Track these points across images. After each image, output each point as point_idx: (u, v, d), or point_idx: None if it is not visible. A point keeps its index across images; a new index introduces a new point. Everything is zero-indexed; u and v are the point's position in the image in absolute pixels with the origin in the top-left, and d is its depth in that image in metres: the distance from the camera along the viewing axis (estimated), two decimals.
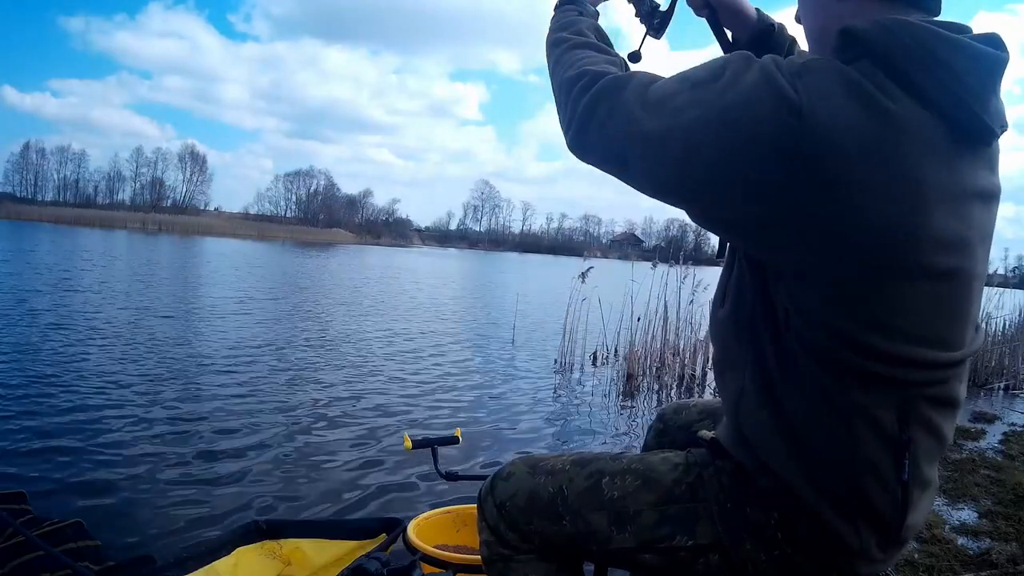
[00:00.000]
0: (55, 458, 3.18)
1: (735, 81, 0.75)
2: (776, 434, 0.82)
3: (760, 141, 0.72)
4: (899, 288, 0.74)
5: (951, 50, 0.74)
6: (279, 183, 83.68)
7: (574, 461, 0.99)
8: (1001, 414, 5.86)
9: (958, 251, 0.76)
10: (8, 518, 1.67)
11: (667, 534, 0.88)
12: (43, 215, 52.17)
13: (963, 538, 2.77)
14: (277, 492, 3.02)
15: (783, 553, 0.83)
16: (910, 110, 0.72)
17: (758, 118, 0.72)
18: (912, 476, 0.79)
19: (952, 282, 0.77)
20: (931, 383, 0.79)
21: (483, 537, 1.04)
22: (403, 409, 4.72)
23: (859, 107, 0.72)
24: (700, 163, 0.76)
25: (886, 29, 0.75)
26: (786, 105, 0.71)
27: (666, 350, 6.73)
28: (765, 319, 0.81)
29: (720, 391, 0.93)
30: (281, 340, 7.17)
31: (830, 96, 0.72)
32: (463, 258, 50.64)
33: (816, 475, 0.80)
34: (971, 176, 0.77)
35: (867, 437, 0.77)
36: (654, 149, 0.79)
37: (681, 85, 0.80)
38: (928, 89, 0.73)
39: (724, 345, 0.90)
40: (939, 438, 0.82)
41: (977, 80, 0.75)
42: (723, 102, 0.75)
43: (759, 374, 0.83)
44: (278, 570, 1.61)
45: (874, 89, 0.72)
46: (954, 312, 0.79)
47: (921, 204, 0.72)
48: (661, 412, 1.29)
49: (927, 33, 0.75)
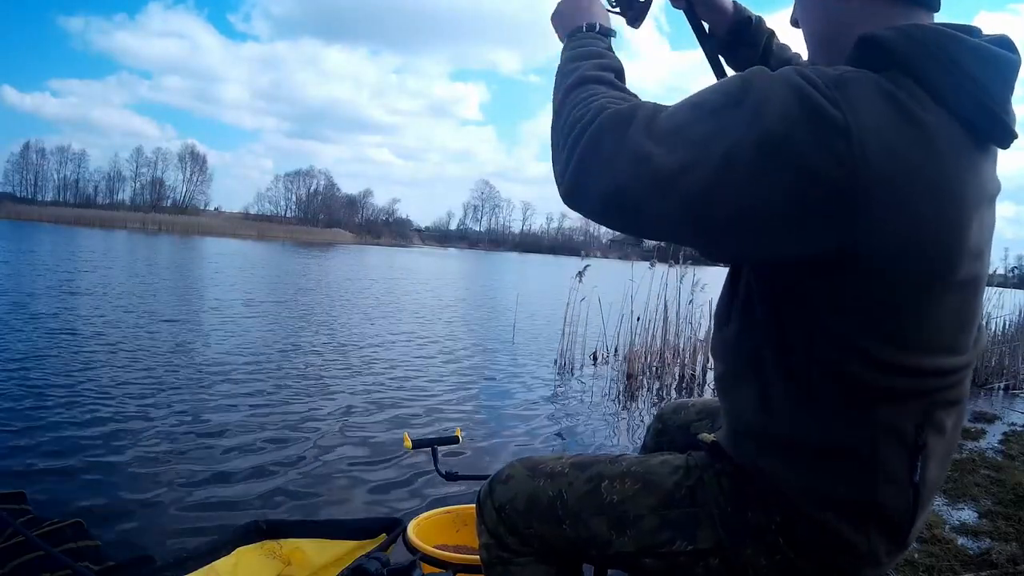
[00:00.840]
0: (55, 458, 3.18)
1: (763, 104, 0.67)
2: (785, 456, 0.81)
3: (808, 173, 0.65)
4: (931, 303, 0.73)
5: (972, 55, 0.73)
6: (279, 183, 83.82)
7: (573, 464, 0.98)
8: (1001, 414, 5.86)
9: (978, 257, 0.75)
10: (8, 518, 1.66)
11: (667, 539, 0.87)
12: (43, 215, 52.24)
13: (963, 538, 2.77)
14: (277, 492, 3.02)
15: (785, 557, 0.82)
16: (942, 120, 0.70)
17: (801, 147, 0.65)
18: (923, 478, 0.78)
19: (969, 289, 0.76)
20: (946, 388, 0.78)
21: (482, 540, 1.03)
22: (403, 409, 4.72)
23: (902, 122, 0.68)
24: (730, 203, 0.68)
25: (910, 37, 0.73)
26: (830, 126, 0.65)
27: (666, 350, 6.74)
28: (774, 341, 0.79)
29: (725, 412, 0.91)
30: (281, 341, 7.17)
31: (874, 111, 0.67)
32: (463, 258, 50.67)
33: (824, 485, 0.79)
34: (989, 180, 0.77)
35: (888, 449, 0.76)
36: (670, 188, 0.69)
37: (695, 113, 0.72)
38: (954, 96, 0.71)
39: (728, 364, 0.88)
40: (948, 439, 0.82)
41: (996, 84, 0.74)
42: (755, 131, 0.66)
43: (768, 399, 0.81)
44: (278, 570, 1.60)
45: (910, 101, 0.69)
46: (967, 318, 0.78)
47: (960, 218, 0.71)
48: (660, 412, 1.29)
49: (947, 39, 0.73)
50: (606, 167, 0.74)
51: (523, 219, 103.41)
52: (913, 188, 0.67)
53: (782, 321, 0.77)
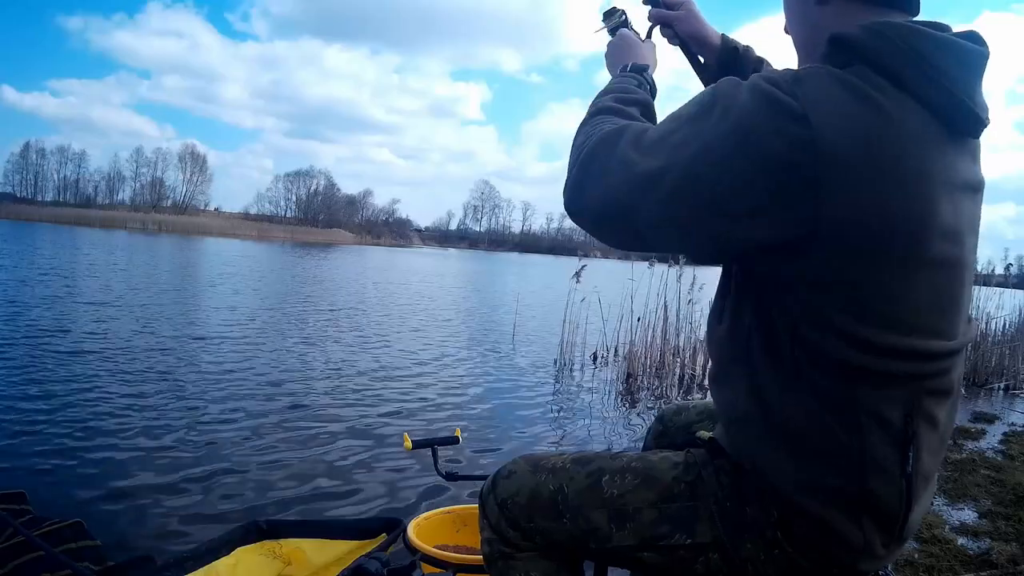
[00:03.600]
0: (55, 458, 3.19)
1: (729, 106, 0.75)
2: (772, 441, 0.82)
3: (771, 159, 0.72)
4: (906, 281, 0.76)
5: (938, 48, 0.77)
6: (279, 183, 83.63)
7: (574, 459, 1.00)
8: (1001, 414, 5.87)
9: (954, 240, 0.78)
10: (8, 518, 1.66)
11: (666, 532, 0.88)
12: (43, 215, 52.28)
13: (963, 538, 2.77)
14: (277, 492, 3.02)
15: (783, 552, 0.83)
16: (905, 105, 0.75)
17: (764, 136, 0.72)
18: (915, 469, 0.79)
19: (950, 271, 0.79)
20: (933, 375, 0.80)
21: (484, 535, 1.04)
22: (403, 409, 4.72)
23: (859, 106, 0.73)
24: (706, 195, 0.75)
25: (875, 32, 0.78)
26: (789, 115, 0.71)
27: (666, 350, 6.74)
28: (762, 331, 0.82)
29: (717, 405, 0.93)
30: (280, 341, 7.17)
31: (832, 99, 0.73)
32: (463, 258, 50.69)
33: (816, 477, 0.80)
34: (962, 167, 0.80)
35: (874, 435, 0.78)
36: (657, 188, 0.77)
37: (674, 124, 0.80)
38: (920, 85, 0.75)
39: (722, 361, 0.91)
40: (940, 430, 0.83)
41: (964, 74, 0.78)
42: (724, 127, 0.74)
43: (757, 388, 0.83)
44: (278, 570, 1.60)
45: (871, 91, 0.74)
46: (950, 302, 0.80)
47: (928, 193, 0.75)
48: (661, 414, 1.30)
49: (914, 33, 0.78)
50: (599, 179, 0.83)
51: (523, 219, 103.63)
52: (873, 169, 0.72)
53: (767, 308, 0.81)
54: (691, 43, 1.22)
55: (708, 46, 1.22)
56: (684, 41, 1.22)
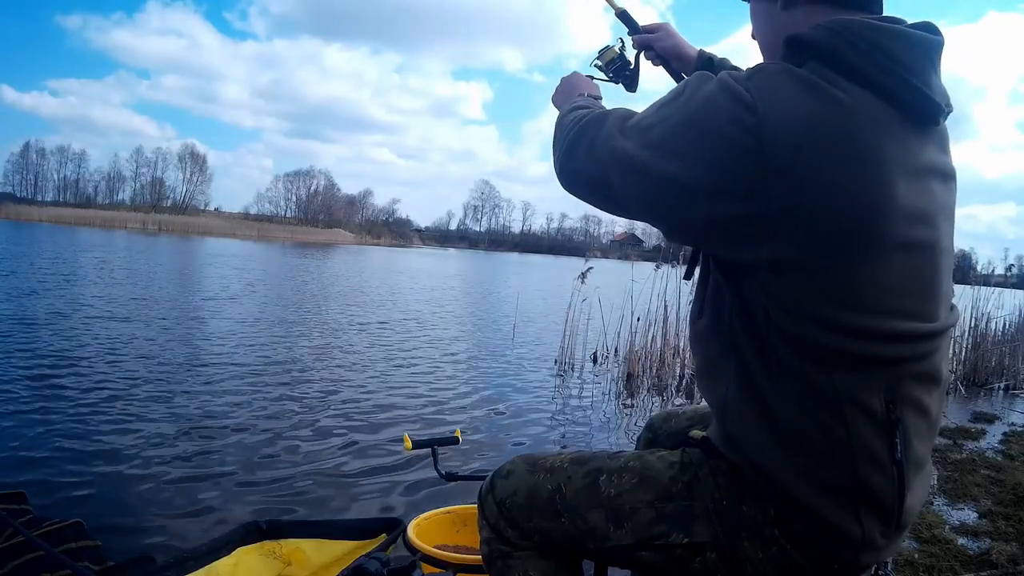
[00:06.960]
0: (55, 458, 3.18)
1: (695, 94, 0.83)
2: (765, 435, 0.83)
3: (724, 141, 0.77)
4: (872, 262, 0.77)
5: (890, 38, 0.80)
6: (279, 183, 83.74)
7: (572, 459, 1.00)
8: (1001, 414, 5.87)
9: (924, 223, 0.80)
10: (8, 518, 1.66)
11: (663, 531, 0.89)
12: (43, 215, 52.24)
13: (963, 538, 2.77)
14: (277, 492, 3.02)
15: (781, 549, 0.84)
16: (860, 97, 0.78)
17: (719, 121, 0.78)
18: (905, 456, 0.80)
19: (922, 254, 0.81)
20: (913, 358, 0.81)
21: (483, 535, 1.05)
22: (403, 409, 4.72)
23: (810, 98, 0.77)
24: (673, 172, 0.81)
25: (829, 30, 0.81)
26: (741, 104, 0.77)
27: (666, 350, 6.74)
28: (743, 323, 0.84)
29: (706, 399, 0.95)
30: (281, 341, 7.17)
31: (780, 91, 0.78)
32: (463, 258, 50.67)
33: (810, 470, 0.81)
34: (925, 153, 0.82)
35: (857, 422, 0.79)
36: (631, 166, 0.85)
37: (651, 108, 0.89)
38: (874, 75, 0.79)
39: (706, 355, 0.92)
40: (927, 416, 0.84)
41: (918, 62, 0.81)
42: (686, 111, 0.82)
43: (743, 379, 0.84)
44: (278, 570, 1.60)
45: (823, 83, 0.78)
46: (927, 284, 0.82)
47: (883, 176, 0.77)
48: (649, 422, 1.30)
49: (866, 27, 0.81)
50: (588, 153, 0.93)
51: (523, 219, 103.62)
52: (825, 154, 0.75)
53: (744, 298, 0.83)
54: (671, 59, 1.35)
55: (685, 59, 1.34)
56: (666, 59, 1.36)
